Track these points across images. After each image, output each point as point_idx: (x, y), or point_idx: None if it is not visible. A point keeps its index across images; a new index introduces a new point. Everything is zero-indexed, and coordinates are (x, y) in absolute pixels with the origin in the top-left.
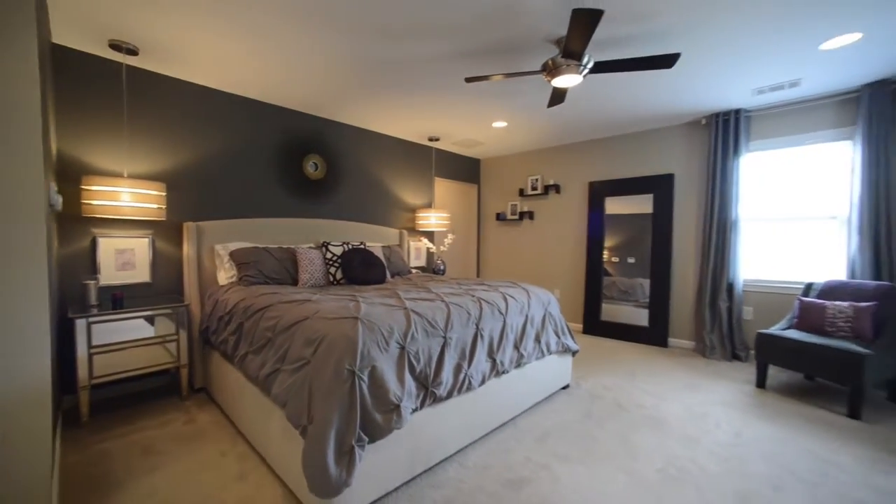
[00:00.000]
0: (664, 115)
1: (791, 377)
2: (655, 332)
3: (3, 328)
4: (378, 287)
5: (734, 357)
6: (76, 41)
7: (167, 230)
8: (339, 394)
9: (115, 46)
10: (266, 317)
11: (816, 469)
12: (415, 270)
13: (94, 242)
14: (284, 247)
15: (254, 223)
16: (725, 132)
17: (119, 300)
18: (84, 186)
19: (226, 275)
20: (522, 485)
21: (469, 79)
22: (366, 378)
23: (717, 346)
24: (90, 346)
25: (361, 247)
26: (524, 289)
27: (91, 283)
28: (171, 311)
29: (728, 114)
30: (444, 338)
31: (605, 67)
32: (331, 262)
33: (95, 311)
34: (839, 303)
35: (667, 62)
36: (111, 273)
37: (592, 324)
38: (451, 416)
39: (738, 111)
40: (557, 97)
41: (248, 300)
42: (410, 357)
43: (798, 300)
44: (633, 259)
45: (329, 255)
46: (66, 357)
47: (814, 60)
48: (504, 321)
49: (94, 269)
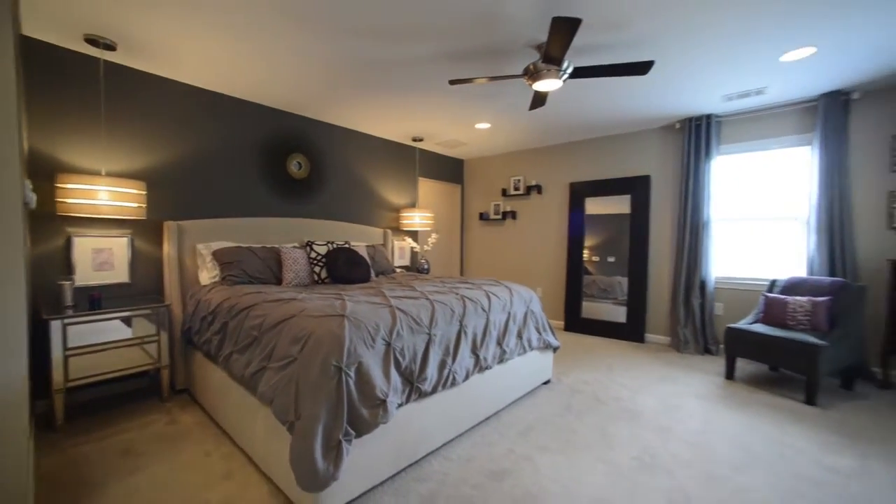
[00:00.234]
0: (641, 119)
1: (757, 368)
2: (633, 329)
3: None
4: (363, 286)
5: (706, 351)
6: (49, 35)
7: (147, 229)
8: (327, 390)
9: (92, 41)
10: (251, 316)
11: (775, 451)
12: (399, 269)
13: (69, 242)
14: (268, 246)
15: (237, 222)
16: (698, 136)
17: (97, 301)
18: (59, 185)
19: (208, 274)
20: (505, 476)
21: (453, 81)
22: (352, 374)
23: (691, 341)
24: (66, 349)
25: (346, 246)
26: (507, 287)
27: (66, 284)
28: (152, 312)
29: (700, 118)
30: (429, 334)
31: (584, 73)
32: (315, 262)
33: (71, 313)
34: (799, 298)
35: (642, 69)
36: (88, 273)
37: (573, 321)
38: (436, 411)
39: (710, 116)
40: (539, 100)
41: (233, 300)
42: (396, 353)
43: (763, 296)
44: (614, 258)
45: (313, 255)
46: (39, 360)
47: (776, 70)
48: (487, 318)
49: (70, 270)
